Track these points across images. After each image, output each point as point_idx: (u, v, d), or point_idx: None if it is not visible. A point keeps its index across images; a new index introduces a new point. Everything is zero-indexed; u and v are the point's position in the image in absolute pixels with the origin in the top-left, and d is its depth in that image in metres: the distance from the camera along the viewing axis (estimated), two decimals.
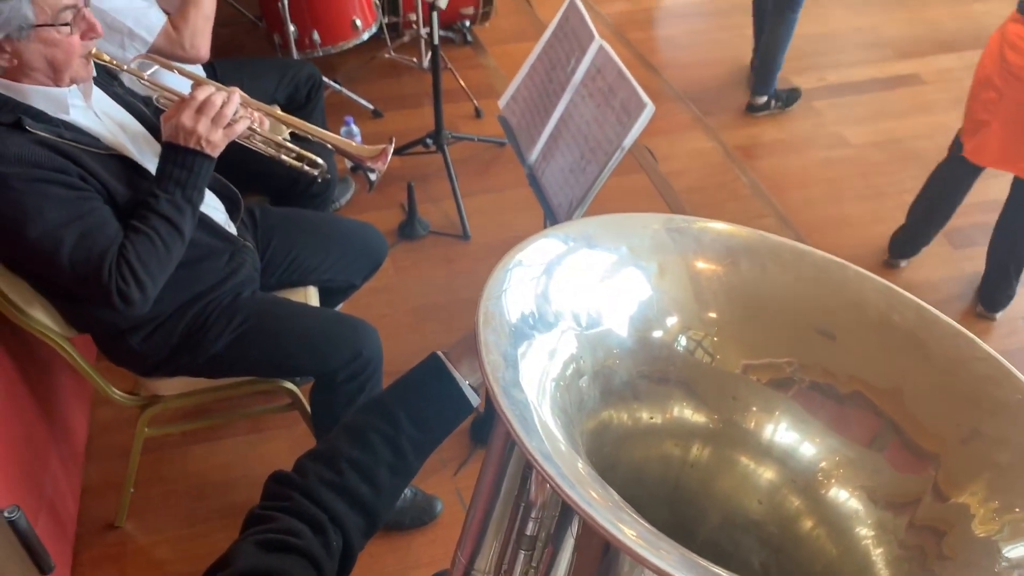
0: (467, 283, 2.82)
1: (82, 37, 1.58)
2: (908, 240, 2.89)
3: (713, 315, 0.79)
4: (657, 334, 0.78)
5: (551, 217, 1.97)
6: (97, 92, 1.75)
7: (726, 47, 3.98)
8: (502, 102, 2.22)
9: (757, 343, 0.78)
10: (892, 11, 4.35)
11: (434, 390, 1.01)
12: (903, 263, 2.94)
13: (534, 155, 2.06)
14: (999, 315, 2.77)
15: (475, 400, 1.02)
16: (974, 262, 2.89)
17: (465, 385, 1.00)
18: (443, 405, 1.01)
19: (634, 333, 0.77)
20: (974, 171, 2.64)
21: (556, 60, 2.05)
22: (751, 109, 3.62)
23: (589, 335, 0.74)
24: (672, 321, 0.78)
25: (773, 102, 3.61)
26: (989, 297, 2.76)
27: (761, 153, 3.46)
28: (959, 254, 2.96)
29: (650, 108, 1.72)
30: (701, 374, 0.79)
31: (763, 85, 3.57)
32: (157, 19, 2.07)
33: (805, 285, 0.77)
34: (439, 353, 1.03)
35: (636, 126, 1.74)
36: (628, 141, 1.77)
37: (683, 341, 0.79)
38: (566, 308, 0.74)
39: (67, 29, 1.53)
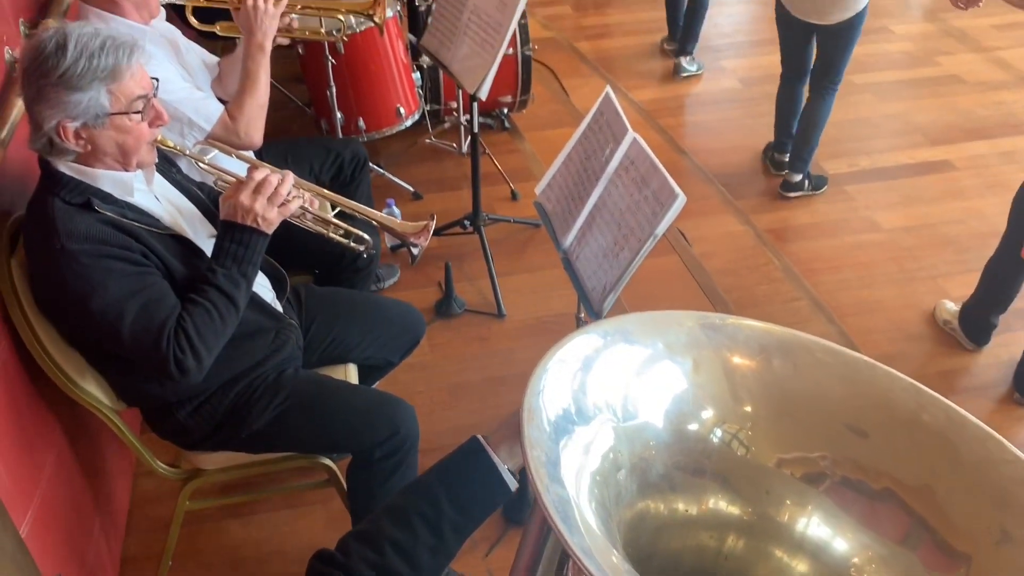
0: (501, 362, 2.86)
1: (150, 124, 1.69)
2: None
3: (748, 409, 0.82)
4: (693, 427, 0.81)
5: (585, 300, 2.02)
6: (157, 177, 1.85)
7: (755, 133, 4.06)
8: (539, 188, 2.30)
9: (790, 438, 0.81)
10: (922, 99, 4.43)
11: (474, 474, 1.04)
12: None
13: (569, 240, 2.12)
14: None
15: (513, 484, 1.05)
16: (1010, 348, 2.87)
17: (504, 469, 1.03)
18: (482, 489, 1.04)
19: (670, 426, 0.80)
20: None
21: (591, 150, 2.13)
22: (785, 188, 3.69)
23: (626, 428, 0.78)
24: (707, 414, 0.82)
25: (807, 182, 3.67)
26: None
27: (793, 237, 3.50)
28: (997, 340, 2.95)
29: (681, 199, 1.78)
30: (736, 467, 0.82)
31: (801, 162, 3.64)
32: (215, 109, 2.19)
33: (836, 383, 0.80)
34: (479, 437, 1.07)
35: (668, 215, 1.80)
36: (661, 229, 1.83)
37: (718, 434, 0.82)
38: (604, 402, 0.78)
39: (138, 117, 1.64)
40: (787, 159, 3.74)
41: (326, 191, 1.96)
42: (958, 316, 2.94)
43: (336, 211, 1.99)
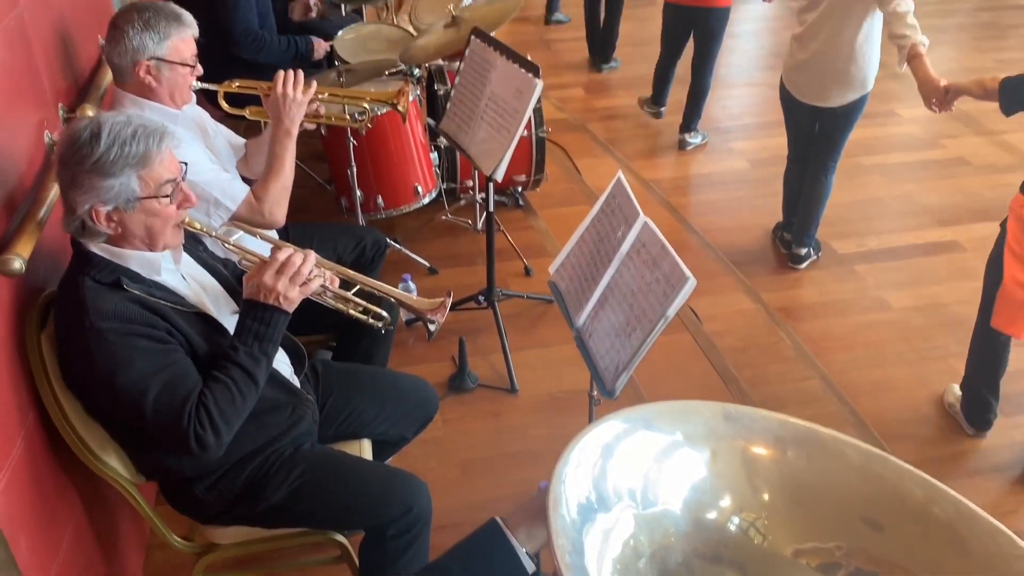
0: (514, 438, 2.87)
1: (178, 207, 1.75)
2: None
3: (765, 498, 0.85)
4: (711, 515, 0.84)
5: (598, 380, 2.04)
6: (184, 255, 1.91)
7: (764, 213, 4.14)
8: (552, 268, 2.35)
9: (806, 528, 0.83)
10: (929, 180, 4.51)
11: (493, 557, 1.06)
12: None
13: (582, 319, 2.16)
14: None
15: (530, 567, 1.06)
16: (1022, 430, 2.87)
17: (522, 552, 1.05)
18: (501, 571, 1.05)
19: (689, 514, 0.83)
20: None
21: (604, 232, 2.18)
22: (794, 260, 3.81)
23: (647, 515, 0.80)
24: (725, 503, 0.84)
25: (812, 252, 3.80)
26: None
27: (804, 315, 3.53)
28: (1009, 422, 2.94)
29: (691, 282, 1.82)
30: (753, 555, 0.84)
31: (807, 237, 3.76)
32: (241, 190, 2.27)
33: (850, 475, 0.83)
34: (498, 520, 1.09)
35: (679, 298, 1.84)
36: (672, 311, 1.87)
37: (736, 522, 0.85)
38: (625, 488, 0.81)
39: (167, 200, 1.70)
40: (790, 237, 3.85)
41: (347, 270, 2.02)
42: (960, 400, 2.95)
43: (355, 289, 2.04)
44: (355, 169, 3.26)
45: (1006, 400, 2.97)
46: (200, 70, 2.30)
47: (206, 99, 2.59)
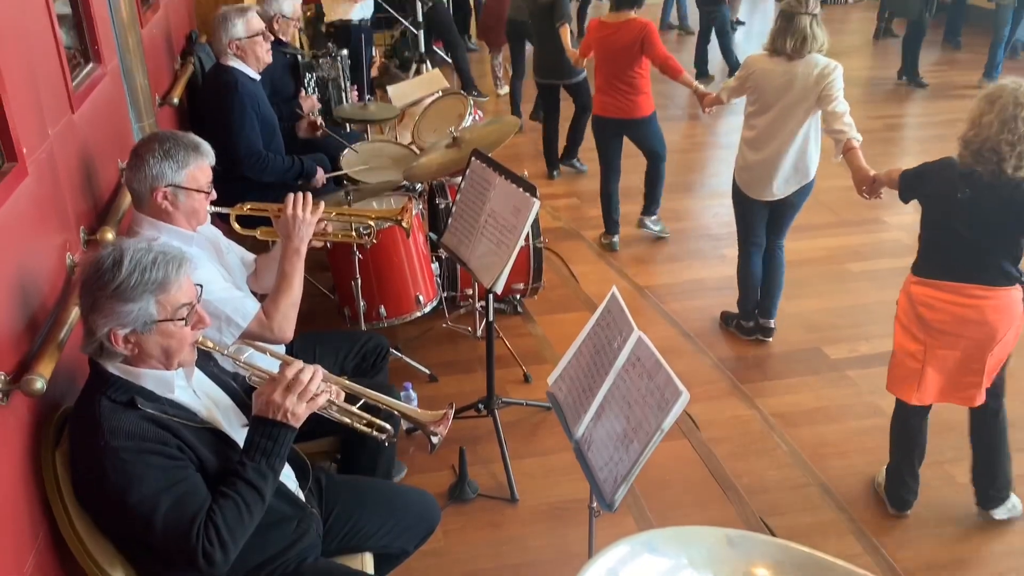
0: (515, 549, 2.88)
1: (192, 328, 1.84)
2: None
3: None
4: None
5: (597, 491, 2.09)
6: (196, 371, 1.99)
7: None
8: (551, 379, 2.42)
9: None
10: None
11: None
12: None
13: (580, 430, 2.22)
14: None
15: None
16: None
17: None
18: None
19: None
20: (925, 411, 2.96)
21: (600, 345, 2.27)
22: (765, 333, 4.09)
23: None
24: None
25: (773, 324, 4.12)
26: None
27: (800, 421, 3.57)
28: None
29: (685, 396, 1.89)
30: None
31: (774, 308, 4.08)
32: (252, 307, 2.37)
33: None
34: None
35: (673, 412, 1.90)
36: (667, 424, 1.93)
37: None
38: None
39: (182, 323, 1.80)
40: (753, 324, 4.12)
41: (352, 384, 2.09)
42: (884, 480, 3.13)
43: (360, 402, 2.11)
44: (359, 280, 3.37)
45: None
46: (215, 195, 2.43)
47: (218, 216, 2.72)
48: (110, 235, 2.28)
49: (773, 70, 3.57)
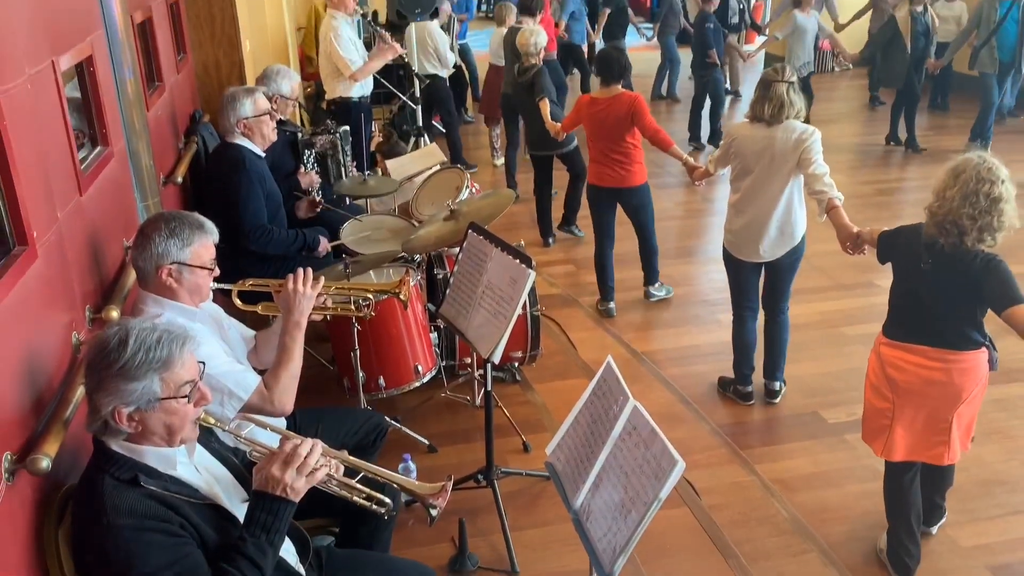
0: None
1: (195, 405, 1.88)
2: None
3: None
4: None
5: (596, 563, 2.09)
6: (197, 447, 2.02)
7: (757, 382, 4.26)
8: (549, 449, 2.44)
9: None
10: None
11: None
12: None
13: (579, 501, 2.23)
14: None
15: None
16: None
17: None
18: None
19: None
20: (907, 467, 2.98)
21: (597, 415, 2.30)
22: (770, 395, 4.16)
23: None
24: None
25: (783, 384, 4.19)
26: None
27: (799, 486, 3.57)
28: None
29: (680, 466, 1.91)
30: None
31: (778, 371, 4.15)
32: (253, 380, 2.40)
33: None
34: None
35: (670, 481, 1.92)
36: (664, 493, 1.95)
37: None
38: None
39: (185, 400, 1.83)
40: (750, 390, 4.17)
41: (351, 458, 2.11)
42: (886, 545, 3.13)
43: (359, 476, 2.13)
44: (358, 351, 3.41)
45: (1005, 568, 2.98)
46: (217, 271, 2.49)
47: (220, 292, 2.78)
48: (115, 313, 2.33)
49: (752, 136, 3.72)
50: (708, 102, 8.65)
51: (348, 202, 4.89)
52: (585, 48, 10.00)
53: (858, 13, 10.35)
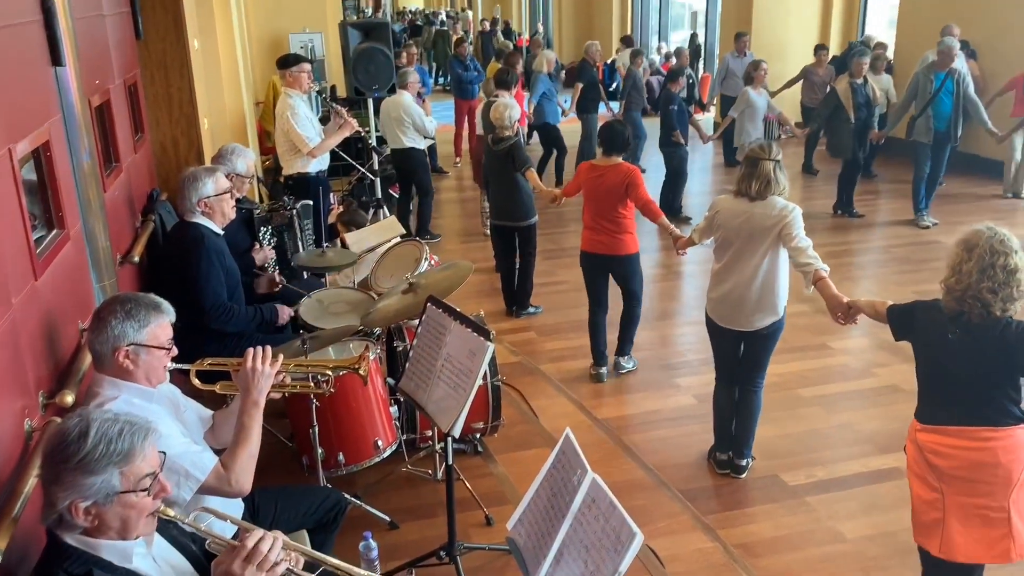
0: None
1: (154, 497, 1.85)
2: None
3: None
4: None
5: None
6: (155, 536, 1.98)
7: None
8: (510, 524, 2.44)
9: None
10: (866, 409, 4.77)
11: None
12: None
13: None
14: None
15: None
16: None
17: None
18: None
19: None
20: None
21: (557, 487, 2.31)
22: (737, 471, 4.13)
23: None
24: None
25: (751, 460, 4.16)
26: None
27: (762, 551, 3.59)
28: None
29: (639, 539, 1.93)
30: None
31: (747, 448, 4.13)
32: (210, 461, 2.38)
33: None
34: None
35: (629, 554, 1.94)
36: (623, 567, 1.96)
37: None
38: None
39: (144, 493, 1.81)
40: (726, 459, 4.17)
41: (313, 552, 2.07)
42: None
43: (320, 570, 2.10)
44: (316, 428, 3.38)
45: None
46: (175, 351, 2.48)
47: (178, 372, 2.76)
48: (69, 398, 2.31)
49: (735, 209, 3.81)
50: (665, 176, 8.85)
51: (306, 276, 4.90)
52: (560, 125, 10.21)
53: (789, 82, 10.79)
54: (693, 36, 16.93)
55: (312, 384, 2.88)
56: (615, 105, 11.19)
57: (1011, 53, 9.16)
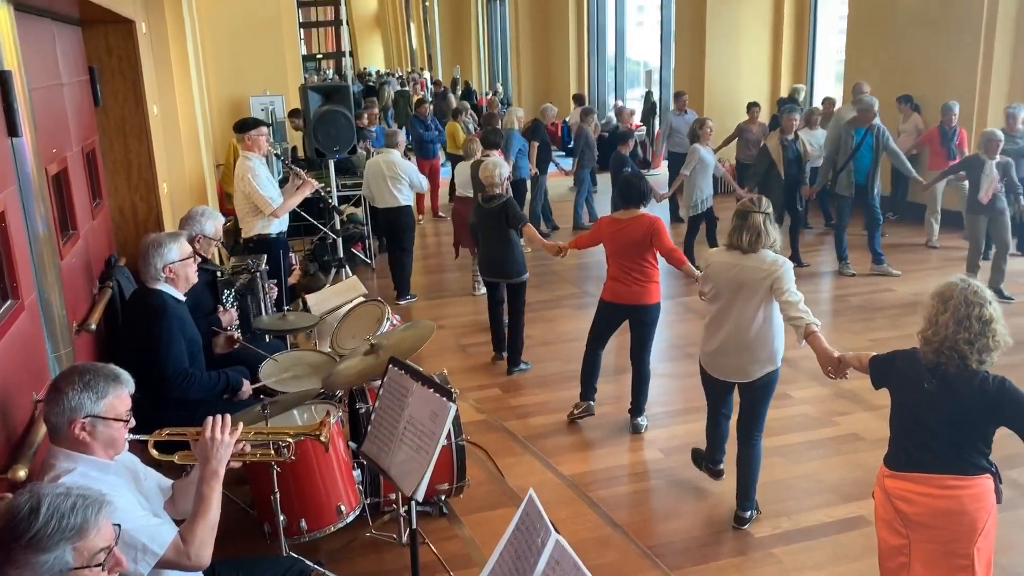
0: None
1: (108, 572, 1.81)
2: None
3: None
4: None
5: None
6: None
7: (681, 501, 4.33)
8: None
9: None
10: (828, 458, 4.82)
11: None
12: None
13: None
14: None
15: None
16: None
17: None
18: None
19: None
20: None
21: (520, 551, 2.30)
22: (740, 523, 4.14)
23: None
24: None
25: (756, 511, 4.20)
26: None
27: None
28: None
29: None
30: None
31: (749, 501, 4.17)
32: (168, 534, 2.33)
33: None
34: None
35: None
36: None
37: None
38: None
39: (99, 568, 1.77)
40: (722, 467, 4.40)
41: None
42: None
43: None
44: (278, 495, 3.33)
45: None
46: (133, 422, 2.45)
47: (136, 442, 2.72)
48: (22, 473, 2.26)
49: (726, 262, 3.91)
50: None
51: (268, 339, 4.87)
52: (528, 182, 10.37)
53: (725, 140, 11.04)
54: (648, 94, 17.35)
55: (272, 452, 2.85)
56: (568, 163, 11.39)
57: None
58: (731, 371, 4.01)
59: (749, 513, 4.15)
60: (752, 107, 10.84)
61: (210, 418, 2.51)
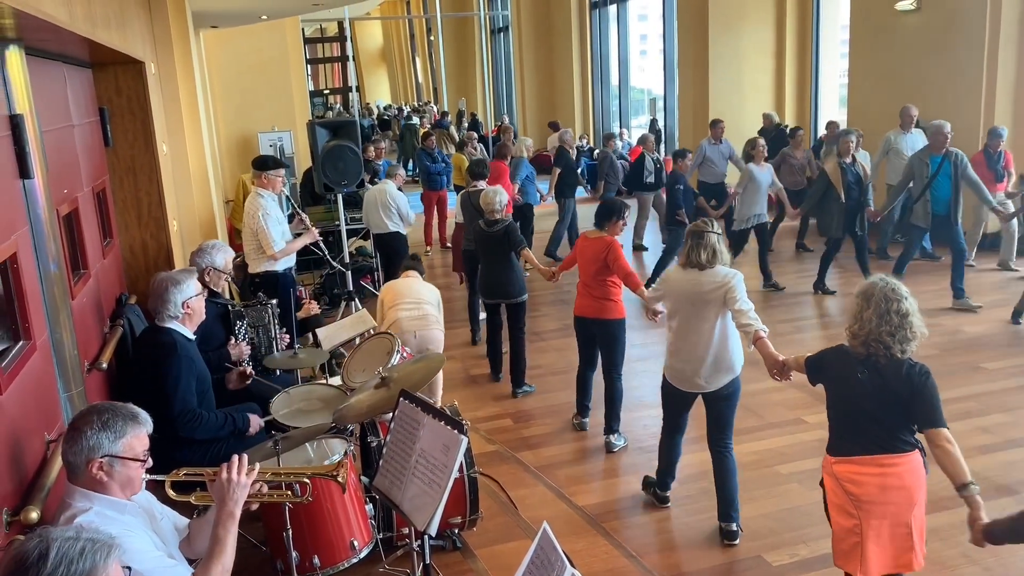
0: None
1: None
2: None
3: None
4: None
5: None
6: None
7: (694, 530, 4.28)
8: None
9: None
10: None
11: None
12: None
13: None
14: None
15: None
16: None
17: None
18: None
19: None
20: None
21: None
22: (730, 537, 4.19)
23: None
24: None
25: (739, 528, 4.23)
26: None
27: None
28: None
29: None
30: None
31: (735, 512, 4.22)
32: (182, 575, 2.32)
33: None
34: None
35: None
36: None
37: None
38: None
39: None
40: (668, 494, 4.57)
41: None
42: None
43: None
44: (291, 531, 3.31)
45: None
46: (150, 463, 2.45)
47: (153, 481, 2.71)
48: (34, 515, 2.26)
49: (682, 279, 4.15)
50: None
51: (279, 373, 4.87)
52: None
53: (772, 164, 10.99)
54: (653, 121, 17.46)
55: (289, 492, 2.84)
56: (544, 186, 11.40)
57: (958, 131, 9.51)
58: (696, 382, 4.16)
59: (735, 526, 4.20)
60: (796, 132, 10.68)
61: (231, 459, 2.50)
